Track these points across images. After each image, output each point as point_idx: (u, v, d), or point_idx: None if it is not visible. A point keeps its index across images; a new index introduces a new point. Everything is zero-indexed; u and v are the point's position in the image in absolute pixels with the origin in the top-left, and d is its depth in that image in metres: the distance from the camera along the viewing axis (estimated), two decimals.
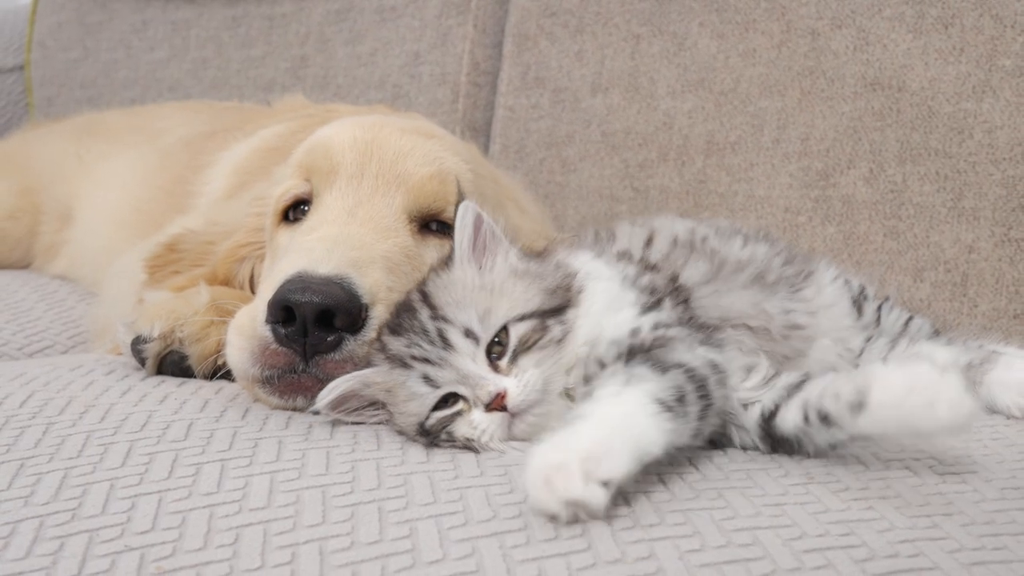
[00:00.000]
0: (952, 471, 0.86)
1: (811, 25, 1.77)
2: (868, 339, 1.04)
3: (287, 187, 1.11)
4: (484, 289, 0.90)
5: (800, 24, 1.79)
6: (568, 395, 0.88)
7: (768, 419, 0.87)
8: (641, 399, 0.78)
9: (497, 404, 0.86)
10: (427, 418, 0.88)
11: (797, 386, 0.86)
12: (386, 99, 2.21)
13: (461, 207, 0.94)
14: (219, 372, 1.06)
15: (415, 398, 0.88)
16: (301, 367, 0.95)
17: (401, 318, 0.92)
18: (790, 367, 0.95)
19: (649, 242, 1.03)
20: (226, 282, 1.19)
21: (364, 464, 0.83)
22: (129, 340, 1.10)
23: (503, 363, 0.87)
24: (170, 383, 1.06)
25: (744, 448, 0.90)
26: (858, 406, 0.79)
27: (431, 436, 0.88)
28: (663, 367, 0.82)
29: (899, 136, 1.67)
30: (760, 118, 1.81)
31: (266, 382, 0.97)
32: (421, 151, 1.09)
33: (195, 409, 0.96)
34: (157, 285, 1.18)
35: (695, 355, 0.85)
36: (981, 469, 0.87)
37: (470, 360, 0.87)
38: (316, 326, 0.92)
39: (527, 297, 0.90)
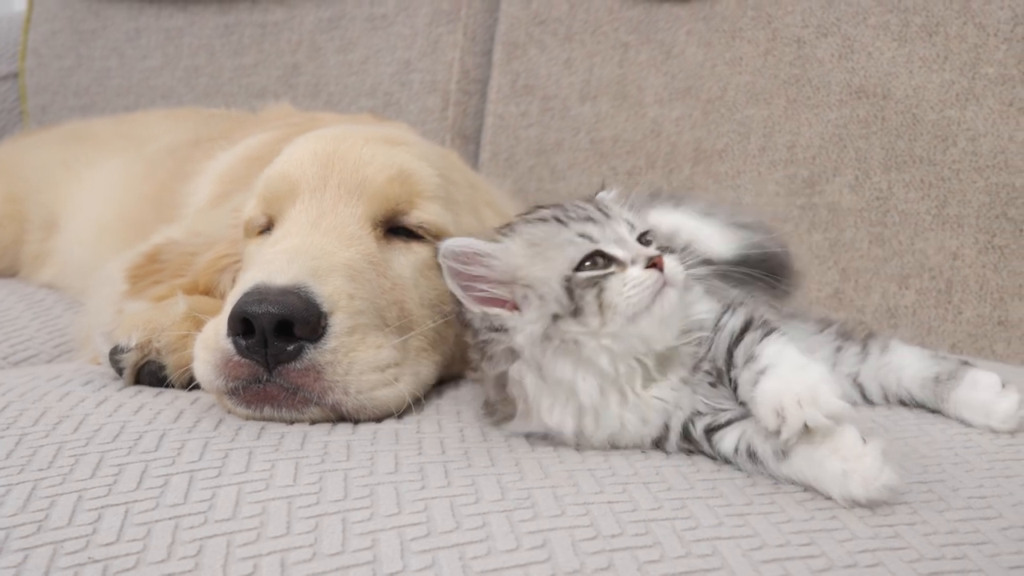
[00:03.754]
0: (920, 480, 0.86)
1: (797, 33, 1.78)
2: (838, 349, 1.04)
3: (250, 217, 1.12)
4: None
5: (786, 32, 1.79)
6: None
7: (711, 430, 0.88)
8: (795, 348, 0.86)
9: (657, 262, 0.87)
10: (574, 277, 0.87)
11: (748, 413, 0.86)
12: (377, 107, 2.21)
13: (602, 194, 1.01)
14: (196, 382, 1.07)
15: (569, 246, 0.88)
16: (265, 377, 0.95)
17: (538, 208, 0.95)
18: None
19: None
20: (208, 292, 1.19)
21: (332, 475, 0.83)
22: (107, 350, 1.10)
23: (652, 248, 0.90)
24: (147, 393, 1.06)
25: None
26: (782, 454, 0.82)
27: (574, 295, 0.86)
28: (779, 329, 0.90)
29: (884, 144, 1.68)
30: (747, 126, 1.81)
31: (232, 393, 0.97)
32: (383, 158, 1.09)
33: (169, 420, 0.97)
34: (138, 295, 1.18)
35: None
36: (949, 478, 0.87)
37: (627, 232, 0.90)
38: (276, 336, 0.93)
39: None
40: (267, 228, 1.11)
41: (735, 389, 0.88)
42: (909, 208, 1.65)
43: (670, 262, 0.88)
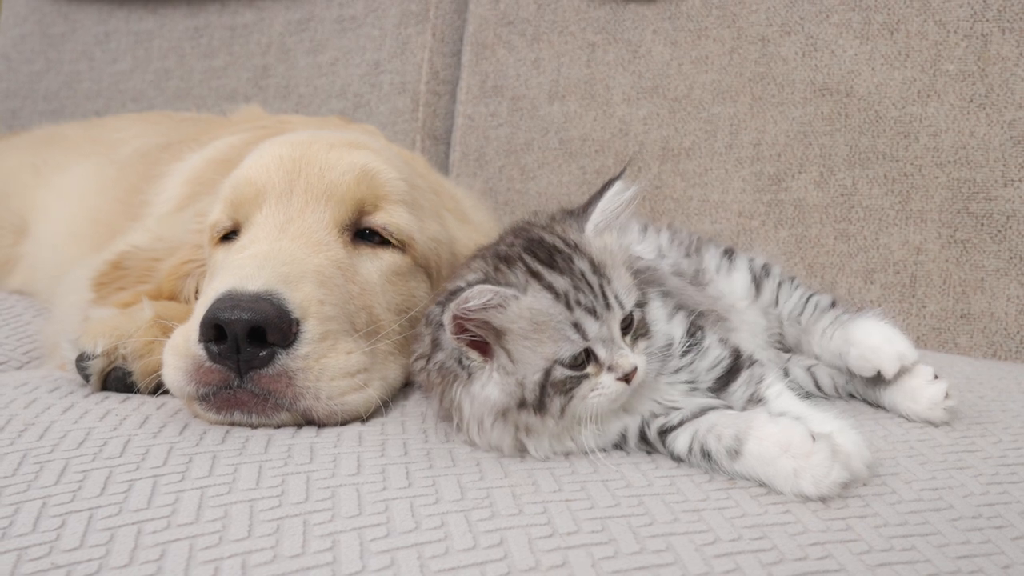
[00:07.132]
0: (874, 473, 0.88)
1: (761, 32, 1.80)
2: (790, 344, 1.06)
3: (215, 221, 1.12)
4: (624, 267, 0.92)
5: (750, 31, 1.81)
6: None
7: (664, 431, 0.90)
8: (794, 395, 0.92)
9: (629, 376, 0.87)
10: (553, 371, 0.85)
11: (700, 412, 0.89)
12: (347, 108, 2.22)
13: (619, 184, 0.95)
14: (163, 387, 1.07)
15: (561, 341, 0.85)
16: (236, 383, 0.96)
17: (553, 257, 0.89)
18: None
19: None
20: (172, 298, 1.19)
21: (294, 477, 0.84)
22: (74, 357, 1.10)
23: (627, 339, 0.89)
24: (113, 399, 1.07)
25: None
26: (734, 452, 0.84)
27: (545, 394, 0.86)
28: (768, 368, 0.95)
29: (848, 140, 1.70)
30: (713, 124, 1.83)
31: (203, 399, 0.98)
32: (347, 162, 1.10)
33: (134, 425, 0.97)
34: (103, 302, 1.19)
35: None
36: (903, 471, 0.89)
37: (617, 326, 0.88)
38: (248, 342, 0.93)
39: (634, 286, 0.93)
40: (231, 233, 1.12)
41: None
42: (873, 204, 1.67)
43: (640, 373, 0.88)
